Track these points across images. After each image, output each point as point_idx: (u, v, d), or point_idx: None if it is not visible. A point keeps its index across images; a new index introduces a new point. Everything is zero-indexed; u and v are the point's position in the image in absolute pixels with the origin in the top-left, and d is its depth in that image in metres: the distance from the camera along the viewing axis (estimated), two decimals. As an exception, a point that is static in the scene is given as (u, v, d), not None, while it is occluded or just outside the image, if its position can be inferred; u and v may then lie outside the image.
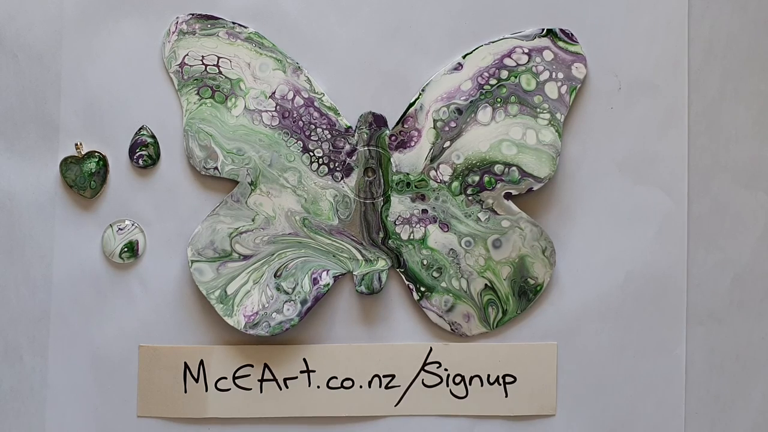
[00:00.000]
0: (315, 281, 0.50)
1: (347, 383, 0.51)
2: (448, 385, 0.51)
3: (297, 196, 0.50)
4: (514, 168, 0.50)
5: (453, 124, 0.50)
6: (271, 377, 0.51)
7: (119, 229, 0.50)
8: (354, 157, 0.51)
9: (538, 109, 0.50)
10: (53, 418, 0.51)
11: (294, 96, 0.50)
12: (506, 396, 0.51)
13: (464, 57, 0.51)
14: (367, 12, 0.51)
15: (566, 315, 0.52)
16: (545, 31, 0.51)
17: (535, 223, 0.51)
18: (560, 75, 0.51)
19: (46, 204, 0.51)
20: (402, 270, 0.51)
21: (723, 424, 0.52)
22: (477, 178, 0.50)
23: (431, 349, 0.51)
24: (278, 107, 0.50)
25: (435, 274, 0.51)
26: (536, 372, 0.51)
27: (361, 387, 0.51)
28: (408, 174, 0.51)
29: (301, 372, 0.51)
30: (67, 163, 0.50)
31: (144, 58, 0.51)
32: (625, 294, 0.52)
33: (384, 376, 0.51)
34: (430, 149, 0.50)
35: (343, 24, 0.51)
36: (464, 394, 0.51)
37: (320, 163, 0.51)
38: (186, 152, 0.50)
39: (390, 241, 0.51)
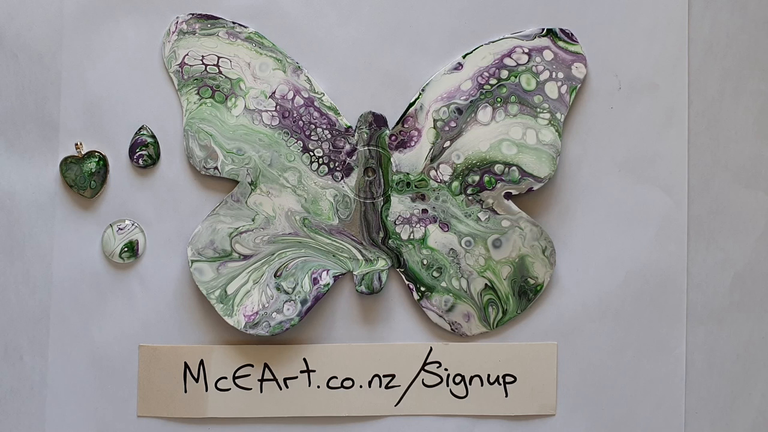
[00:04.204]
0: (315, 281, 0.50)
1: (347, 383, 0.51)
2: (448, 385, 0.51)
3: (297, 195, 0.50)
4: (514, 168, 0.50)
5: (453, 124, 0.50)
6: (271, 377, 0.51)
7: (119, 229, 0.50)
8: (354, 157, 0.51)
9: (538, 109, 0.50)
10: (53, 418, 0.51)
11: (294, 96, 0.50)
12: (506, 396, 0.51)
13: (464, 57, 0.51)
14: (367, 12, 0.51)
15: (566, 315, 0.52)
16: (545, 30, 0.51)
17: (535, 222, 0.51)
18: (560, 75, 0.51)
19: (46, 204, 0.51)
20: (402, 270, 0.51)
21: (723, 424, 0.52)
22: (477, 178, 0.50)
23: (431, 349, 0.51)
24: (278, 107, 0.50)
25: (435, 274, 0.51)
26: (536, 372, 0.51)
27: (361, 387, 0.51)
28: (408, 174, 0.51)
29: (301, 372, 0.51)
30: (67, 163, 0.50)
31: (144, 58, 0.51)
32: (625, 294, 0.52)
33: (384, 376, 0.51)
34: (430, 149, 0.50)
35: (343, 24, 0.51)
36: (464, 394, 0.51)
37: (320, 162, 0.51)
38: (186, 152, 0.50)
39: (390, 241, 0.51)
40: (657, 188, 0.52)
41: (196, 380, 0.51)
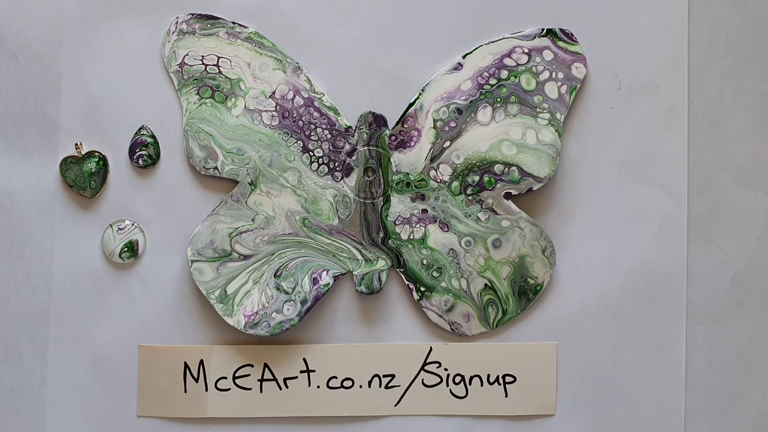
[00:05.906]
0: (315, 281, 0.50)
1: (347, 383, 0.51)
2: (448, 385, 0.51)
3: (297, 195, 0.50)
4: (514, 168, 0.50)
5: (453, 124, 0.50)
6: (271, 377, 0.51)
7: (119, 229, 0.51)
8: (354, 157, 0.51)
9: (538, 109, 0.50)
10: (53, 418, 0.51)
11: (294, 96, 0.50)
12: (506, 396, 0.51)
13: (464, 57, 0.51)
14: (367, 12, 0.51)
15: (566, 315, 0.52)
16: (545, 30, 0.51)
17: (535, 223, 0.51)
18: (560, 75, 0.51)
19: (46, 204, 0.51)
20: (402, 270, 0.51)
21: (723, 424, 0.52)
22: (477, 178, 0.50)
23: (431, 349, 0.51)
24: (278, 107, 0.50)
25: (435, 274, 0.51)
26: (536, 372, 0.51)
27: (361, 387, 0.51)
28: (408, 174, 0.51)
29: (301, 372, 0.51)
30: (67, 163, 0.50)
31: (144, 58, 0.51)
32: (625, 294, 0.52)
33: (384, 376, 0.51)
34: (430, 149, 0.50)
35: (343, 24, 0.51)
36: (464, 394, 0.51)
37: (320, 162, 0.51)
38: (186, 152, 0.50)
39: (390, 241, 0.51)
40: (657, 188, 0.52)
41: (196, 380, 0.51)
